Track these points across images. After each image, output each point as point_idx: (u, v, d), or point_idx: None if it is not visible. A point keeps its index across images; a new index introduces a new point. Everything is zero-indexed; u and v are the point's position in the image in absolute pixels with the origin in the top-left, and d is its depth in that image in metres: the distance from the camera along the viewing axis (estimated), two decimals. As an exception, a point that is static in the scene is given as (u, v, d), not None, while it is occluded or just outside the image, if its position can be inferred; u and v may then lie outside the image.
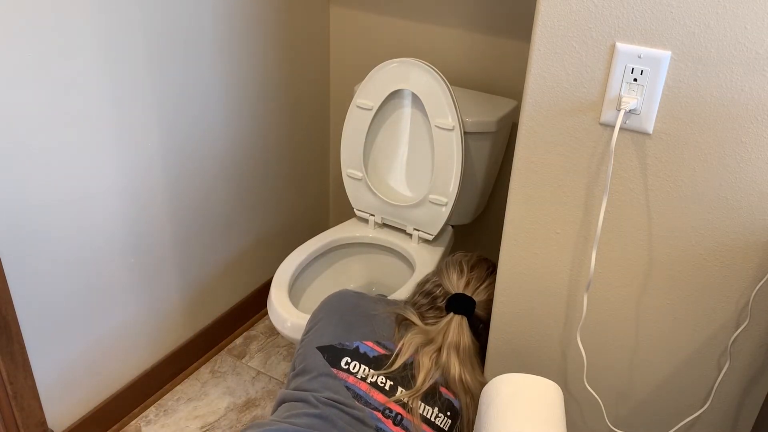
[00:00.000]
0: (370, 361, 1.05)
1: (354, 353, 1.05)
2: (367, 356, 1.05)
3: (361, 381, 1.02)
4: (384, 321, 1.11)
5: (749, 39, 0.87)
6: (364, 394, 1.01)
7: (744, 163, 0.94)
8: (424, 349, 1.07)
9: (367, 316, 1.11)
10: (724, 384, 1.11)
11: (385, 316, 1.12)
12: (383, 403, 1.00)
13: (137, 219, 1.54)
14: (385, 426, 0.99)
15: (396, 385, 1.03)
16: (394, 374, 1.04)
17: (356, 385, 1.01)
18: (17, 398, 1.37)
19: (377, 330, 1.09)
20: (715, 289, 1.05)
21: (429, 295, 1.19)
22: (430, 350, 1.07)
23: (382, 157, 1.72)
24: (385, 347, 1.07)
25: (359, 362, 1.04)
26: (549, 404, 0.99)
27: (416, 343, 1.07)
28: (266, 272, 2.07)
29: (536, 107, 1.06)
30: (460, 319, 1.12)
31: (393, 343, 1.08)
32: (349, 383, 1.02)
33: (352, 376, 1.02)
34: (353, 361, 1.04)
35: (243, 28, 1.67)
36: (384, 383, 1.02)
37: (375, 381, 1.02)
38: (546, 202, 1.12)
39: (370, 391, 1.01)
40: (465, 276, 1.19)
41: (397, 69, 1.57)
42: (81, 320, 1.49)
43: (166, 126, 1.54)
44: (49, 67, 1.25)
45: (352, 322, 1.10)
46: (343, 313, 1.11)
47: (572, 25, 0.98)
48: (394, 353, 1.06)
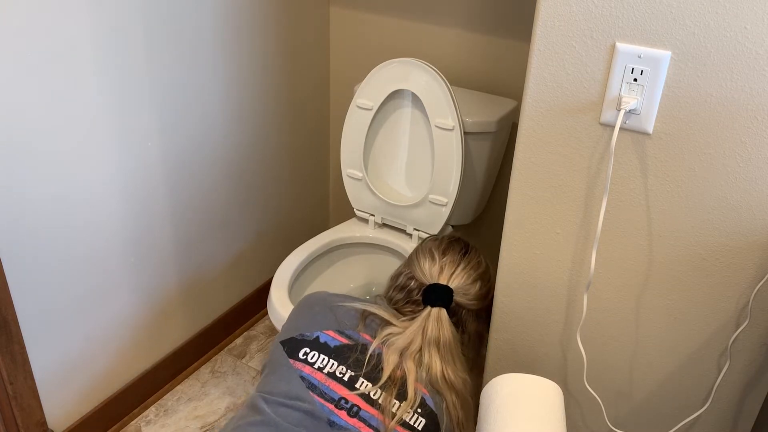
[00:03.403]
0: (330, 350, 0.99)
1: (314, 343, 1.00)
2: (327, 346, 1.00)
3: (317, 371, 0.97)
4: (348, 312, 1.06)
5: (749, 39, 0.87)
6: (319, 384, 0.96)
7: (744, 163, 0.94)
8: (406, 353, 1.00)
9: (331, 308, 1.06)
10: (724, 384, 1.11)
11: (350, 308, 1.06)
12: (340, 394, 0.95)
13: (137, 219, 1.54)
14: (339, 418, 0.93)
15: (357, 376, 0.98)
16: (357, 364, 0.99)
17: (312, 375, 0.97)
18: (17, 398, 1.37)
19: (340, 320, 1.04)
20: (715, 289, 1.05)
21: (403, 289, 1.12)
22: (413, 353, 1.01)
23: (382, 157, 1.72)
24: (348, 336, 1.02)
25: (318, 352, 0.99)
26: (549, 404, 0.99)
27: (396, 351, 1.00)
28: (266, 272, 2.07)
29: (536, 107, 1.06)
30: (438, 312, 1.05)
31: (357, 332, 1.02)
32: (304, 373, 0.97)
33: (309, 366, 0.97)
34: (312, 351, 0.99)
35: (243, 28, 1.67)
36: (344, 374, 0.97)
37: (333, 371, 0.97)
38: (546, 202, 1.12)
39: (327, 381, 0.96)
40: (437, 263, 1.12)
41: (397, 69, 1.57)
42: (81, 320, 1.49)
43: (166, 126, 1.54)
44: (49, 66, 1.25)
45: (316, 315, 1.05)
46: (310, 307, 1.07)
47: (572, 25, 0.98)
48: (358, 343, 1.01)
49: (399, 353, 1.00)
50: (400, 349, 1.00)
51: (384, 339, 1.01)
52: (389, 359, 0.99)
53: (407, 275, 1.14)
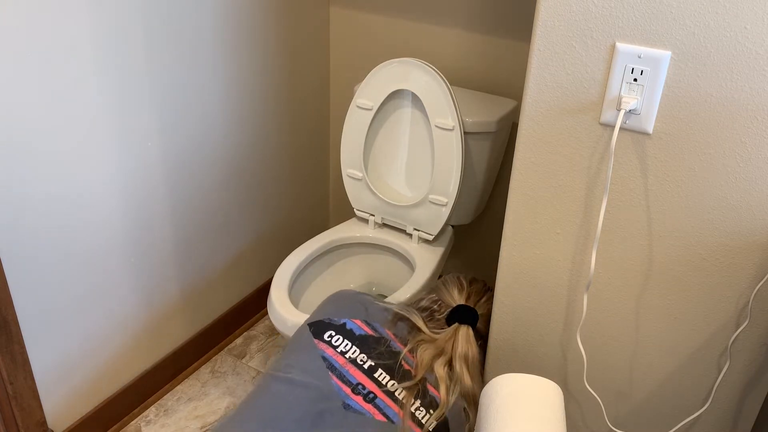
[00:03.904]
0: (355, 338, 1.03)
1: (340, 328, 1.04)
2: (352, 333, 1.04)
3: (339, 355, 1.00)
4: (380, 309, 1.11)
5: (749, 39, 0.87)
6: (339, 366, 0.99)
7: (744, 163, 0.94)
8: (437, 360, 1.06)
9: (362, 302, 1.11)
10: (724, 384, 1.11)
11: (382, 306, 1.11)
12: (358, 379, 0.98)
13: (137, 219, 1.54)
14: (354, 402, 0.96)
15: (377, 366, 1.01)
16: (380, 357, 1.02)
17: (334, 357, 1.00)
18: (17, 398, 1.37)
19: (370, 313, 1.08)
20: (715, 289, 1.05)
21: (426, 310, 1.19)
22: (443, 361, 1.07)
23: (382, 157, 1.72)
24: (374, 329, 1.05)
25: (343, 337, 1.03)
26: (549, 404, 0.99)
27: (429, 356, 1.05)
28: (266, 272, 2.07)
29: (536, 107, 1.06)
30: (467, 330, 1.12)
31: (384, 328, 1.06)
32: (326, 354, 1.00)
33: (332, 348, 1.01)
34: (337, 335, 1.03)
35: (243, 28, 1.67)
36: (364, 362, 1.01)
37: (354, 358, 1.01)
38: (546, 202, 1.12)
39: (347, 366, 1.00)
40: (465, 290, 1.22)
41: (397, 69, 1.57)
42: (81, 320, 1.49)
43: (166, 126, 1.54)
44: (49, 66, 1.25)
45: (346, 305, 1.09)
46: (341, 298, 1.11)
47: (572, 25, 0.98)
48: (384, 338, 1.05)
49: (431, 358, 1.05)
50: (431, 355, 1.05)
51: (415, 345, 1.06)
52: (422, 362, 1.04)
53: (432, 299, 1.22)
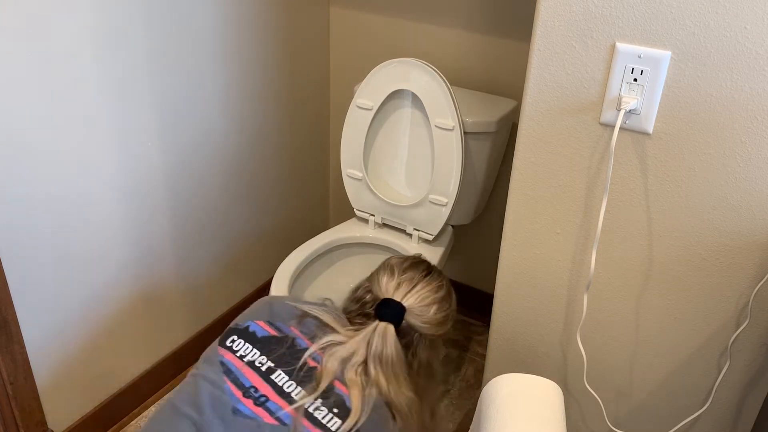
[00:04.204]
0: (256, 340, 0.99)
1: (243, 332, 1.00)
2: (255, 335, 1.00)
3: (237, 358, 0.97)
4: (285, 306, 1.05)
5: (749, 39, 0.87)
6: (236, 370, 0.96)
7: (744, 163, 0.94)
8: (348, 363, 0.98)
9: (270, 303, 1.06)
10: (724, 384, 1.11)
11: (289, 305, 1.05)
12: (252, 382, 0.94)
13: (137, 219, 1.54)
14: (244, 406, 0.92)
15: (276, 368, 0.96)
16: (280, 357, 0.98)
17: (231, 361, 0.97)
18: (17, 398, 1.37)
19: (274, 312, 1.03)
20: (715, 289, 1.05)
21: (359, 301, 1.09)
22: (356, 364, 0.98)
23: (382, 157, 1.72)
24: (278, 328, 1.01)
25: (244, 340, 0.99)
26: (549, 404, 0.99)
27: (337, 361, 0.98)
28: (266, 272, 2.07)
29: (536, 107, 1.06)
30: (384, 327, 1.01)
31: (288, 326, 1.01)
32: (225, 359, 0.97)
33: (231, 353, 0.98)
34: (239, 339, 0.99)
35: (243, 28, 1.67)
36: (263, 364, 0.96)
37: (252, 360, 0.97)
38: (546, 202, 1.12)
39: (243, 369, 0.96)
40: (395, 279, 1.08)
41: (397, 69, 1.57)
42: (81, 320, 1.49)
43: (167, 126, 1.54)
44: (49, 66, 1.25)
45: (255, 308, 1.05)
46: (254, 304, 1.07)
47: (572, 25, 0.98)
48: (287, 336, 0.99)
49: (340, 362, 0.97)
50: (341, 358, 0.98)
51: (325, 345, 0.99)
52: (328, 366, 0.97)
53: (366, 288, 1.11)
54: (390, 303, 1.04)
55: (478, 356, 1.98)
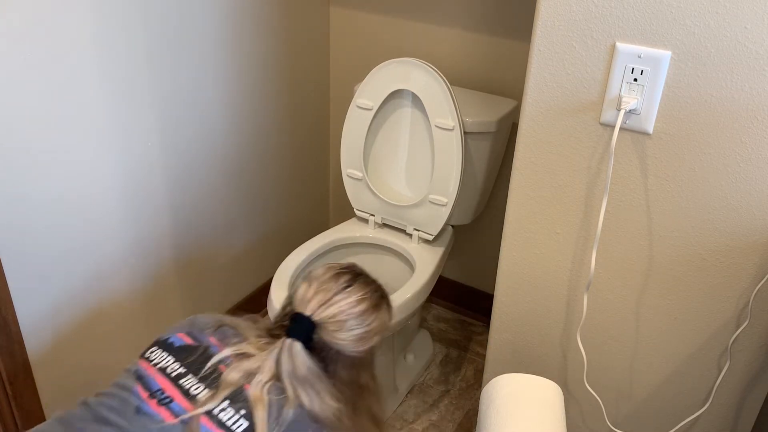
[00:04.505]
0: (173, 349, 1.00)
1: (163, 343, 1.01)
2: (172, 345, 1.00)
3: (151, 366, 0.98)
4: (205, 318, 1.05)
5: (749, 39, 0.87)
6: (146, 375, 0.97)
7: (744, 163, 0.94)
8: (253, 379, 0.95)
9: (195, 317, 1.06)
10: (724, 384, 1.11)
11: (210, 316, 1.05)
12: (160, 385, 0.95)
13: (137, 219, 1.54)
14: (147, 406, 0.93)
15: (187, 373, 0.95)
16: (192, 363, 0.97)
17: (145, 369, 0.98)
18: (17, 398, 1.37)
19: (196, 324, 1.03)
20: (715, 289, 1.05)
21: (283, 310, 1.05)
22: (261, 381, 0.94)
23: (382, 157, 1.72)
24: (195, 338, 1.01)
25: (162, 349, 1.00)
26: (549, 404, 0.99)
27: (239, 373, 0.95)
28: (266, 272, 2.07)
29: (536, 107, 1.06)
30: (290, 344, 0.96)
31: (205, 335, 1.00)
32: (140, 367, 0.98)
33: (146, 362, 0.98)
34: (158, 349, 1.00)
35: (243, 27, 1.67)
36: (174, 370, 0.96)
37: (165, 367, 0.97)
38: (546, 202, 1.12)
39: (154, 374, 0.96)
40: (311, 290, 1.01)
41: (397, 69, 1.57)
42: (81, 320, 1.49)
43: (166, 126, 1.54)
44: (50, 66, 1.25)
45: (179, 323, 1.06)
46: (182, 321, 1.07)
47: (572, 25, 0.98)
48: (202, 344, 0.99)
49: (243, 374, 0.95)
50: (245, 371, 0.95)
51: (235, 352, 0.97)
52: (228, 379, 0.94)
53: (289, 297, 1.06)
54: (299, 318, 0.99)
55: (478, 356, 1.98)
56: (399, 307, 1.49)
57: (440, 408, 1.79)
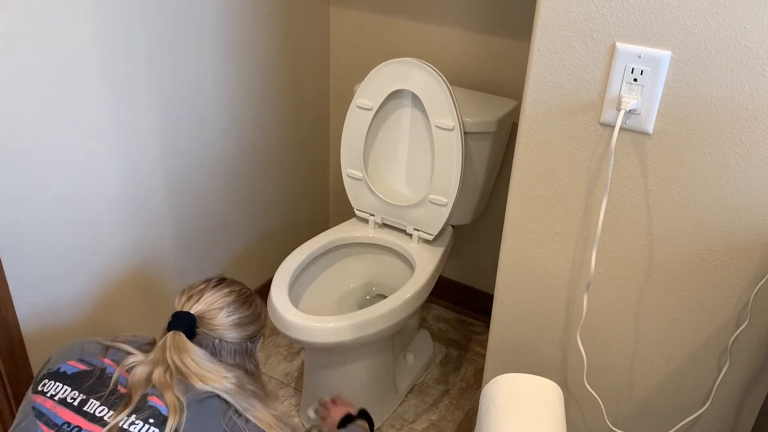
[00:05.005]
0: (66, 378, 1.00)
1: (54, 374, 1.01)
2: (65, 374, 1.01)
3: (48, 399, 0.98)
4: (96, 344, 1.07)
5: (749, 39, 0.87)
6: (47, 411, 0.96)
7: (744, 163, 0.94)
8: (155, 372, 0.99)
9: (82, 343, 1.07)
10: (724, 384, 1.11)
11: (97, 341, 1.07)
12: (64, 419, 0.95)
13: (138, 219, 1.54)
14: None
15: (88, 398, 0.98)
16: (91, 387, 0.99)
17: (42, 404, 0.97)
18: (17, 398, 1.37)
19: (85, 350, 1.05)
20: (715, 289, 1.05)
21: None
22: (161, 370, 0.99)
23: (382, 157, 1.72)
24: (88, 363, 1.02)
25: (55, 381, 1.00)
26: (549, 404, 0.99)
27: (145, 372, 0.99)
28: (266, 272, 2.07)
29: (536, 107, 1.06)
30: (173, 336, 1.03)
31: (98, 358, 1.03)
32: (37, 403, 0.98)
33: (42, 396, 0.98)
34: (50, 381, 1.00)
35: (243, 28, 1.67)
36: (75, 399, 0.97)
37: (64, 398, 0.98)
38: (546, 202, 1.12)
39: (55, 408, 0.97)
40: (186, 294, 1.10)
41: (397, 69, 1.57)
42: (81, 320, 1.49)
43: (167, 126, 1.54)
44: (49, 66, 1.25)
45: (65, 351, 1.06)
46: (63, 349, 1.08)
47: (572, 25, 0.98)
48: (96, 368, 1.01)
49: (145, 377, 0.99)
50: (145, 373, 0.99)
51: (128, 366, 1.01)
52: (133, 381, 0.98)
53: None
54: (178, 314, 1.07)
55: (478, 356, 1.98)
56: (399, 307, 1.49)
57: (440, 408, 1.79)
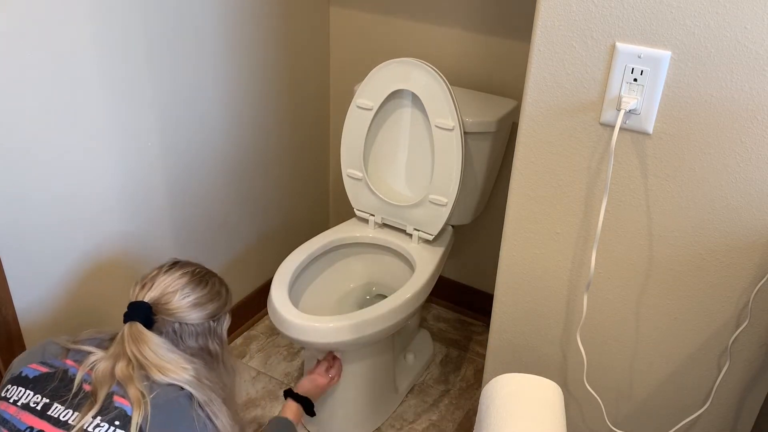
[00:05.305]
0: (28, 382, 0.99)
1: (16, 379, 1.00)
2: (27, 378, 0.99)
3: (11, 405, 0.96)
4: (55, 344, 1.05)
5: (749, 39, 0.87)
6: (10, 417, 0.95)
7: (744, 163, 0.94)
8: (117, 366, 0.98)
9: (43, 345, 1.05)
10: (724, 384, 1.11)
11: (58, 341, 1.06)
12: (27, 423, 0.94)
13: (138, 219, 1.54)
14: None
15: (52, 402, 0.96)
16: (54, 391, 0.97)
17: (5, 410, 0.96)
18: (17, 398, 1.37)
19: (46, 352, 1.03)
20: (715, 289, 1.05)
21: None
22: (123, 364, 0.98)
23: (382, 157, 1.72)
24: (50, 365, 1.01)
25: (17, 385, 0.98)
26: (549, 404, 0.99)
27: (107, 368, 0.98)
28: (266, 272, 2.07)
29: (536, 107, 1.06)
30: (129, 327, 1.01)
31: (59, 359, 1.01)
32: (0, 410, 0.96)
33: (5, 402, 0.97)
34: (12, 386, 0.99)
35: (243, 28, 1.67)
36: (37, 403, 0.96)
37: (27, 402, 0.96)
38: (546, 202, 1.13)
39: (18, 414, 0.95)
40: (139, 285, 1.07)
41: (397, 69, 1.57)
42: (81, 320, 1.49)
43: (167, 126, 1.54)
44: (49, 66, 1.25)
45: (26, 355, 1.04)
46: (24, 353, 1.06)
47: (572, 25, 0.98)
48: (59, 370, 1.00)
49: (109, 372, 0.98)
50: (108, 368, 0.98)
51: (90, 365, 0.99)
52: (97, 378, 0.97)
53: None
54: (133, 304, 1.04)
55: (478, 356, 1.98)
56: (399, 307, 1.49)
57: (440, 408, 1.79)
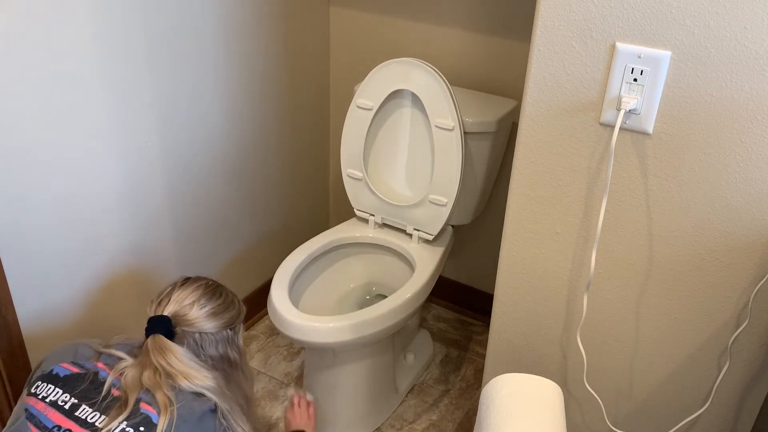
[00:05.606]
0: (59, 380, 1.01)
1: (47, 376, 1.02)
2: (57, 376, 1.01)
3: (40, 401, 0.98)
4: (88, 346, 1.08)
5: (749, 39, 0.87)
6: (38, 413, 0.97)
7: (744, 163, 0.94)
8: (144, 374, 1.01)
9: (75, 345, 1.08)
10: (724, 384, 1.11)
11: (91, 344, 1.09)
12: (55, 422, 0.96)
13: (138, 219, 1.54)
14: None
15: (81, 403, 0.98)
16: (84, 392, 1.00)
17: (34, 406, 0.98)
18: (17, 398, 1.37)
19: (78, 352, 1.06)
20: (715, 289, 1.05)
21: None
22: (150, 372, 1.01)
23: (382, 157, 1.72)
24: (81, 366, 1.03)
25: (48, 383, 1.01)
26: (549, 404, 0.99)
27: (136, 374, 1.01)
28: (266, 272, 2.07)
29: (536, 107, 1.06)
30: (153, 339, 1.05)
31: (91, 362, 1.04)
32: (29, 405, 0.98)
33: (34, 398, 0.99)
34: (43, 383, 1.01)
35: (243, 28, 1.67)
36: (66, 402, 0.98)
37: (55, 400, 0.98)
38: (546, 202, 1.13)
39: (45, 410, 0.97)
40: (155, 303, 1.12)
41: (397, 69, 1.57)
42: (81, 320, 1.49)
43: (167, 125, 1.54)
44: (49, 66, 1.25)
45: (58, 353, 1.07)
46: (55, 350, 1.09)
47: (572, 25, 0.98)
48: (89, 371, 1.02)
49: (137, 380, 1.01)
50: (136, 376, 1.01)
51: (120, 370, 1.02)
52: (127, 384, 1.00)
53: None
54: (153, 319, 1.09)
55: (478, 356, 1.98)
56: (399, 307, 1.49)
57: (440, 408, 1.79)
